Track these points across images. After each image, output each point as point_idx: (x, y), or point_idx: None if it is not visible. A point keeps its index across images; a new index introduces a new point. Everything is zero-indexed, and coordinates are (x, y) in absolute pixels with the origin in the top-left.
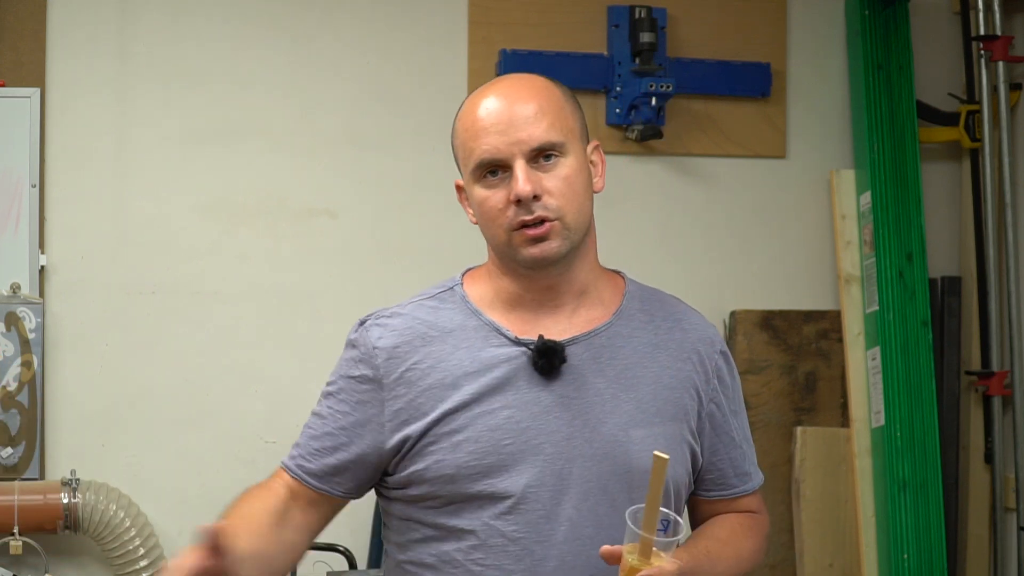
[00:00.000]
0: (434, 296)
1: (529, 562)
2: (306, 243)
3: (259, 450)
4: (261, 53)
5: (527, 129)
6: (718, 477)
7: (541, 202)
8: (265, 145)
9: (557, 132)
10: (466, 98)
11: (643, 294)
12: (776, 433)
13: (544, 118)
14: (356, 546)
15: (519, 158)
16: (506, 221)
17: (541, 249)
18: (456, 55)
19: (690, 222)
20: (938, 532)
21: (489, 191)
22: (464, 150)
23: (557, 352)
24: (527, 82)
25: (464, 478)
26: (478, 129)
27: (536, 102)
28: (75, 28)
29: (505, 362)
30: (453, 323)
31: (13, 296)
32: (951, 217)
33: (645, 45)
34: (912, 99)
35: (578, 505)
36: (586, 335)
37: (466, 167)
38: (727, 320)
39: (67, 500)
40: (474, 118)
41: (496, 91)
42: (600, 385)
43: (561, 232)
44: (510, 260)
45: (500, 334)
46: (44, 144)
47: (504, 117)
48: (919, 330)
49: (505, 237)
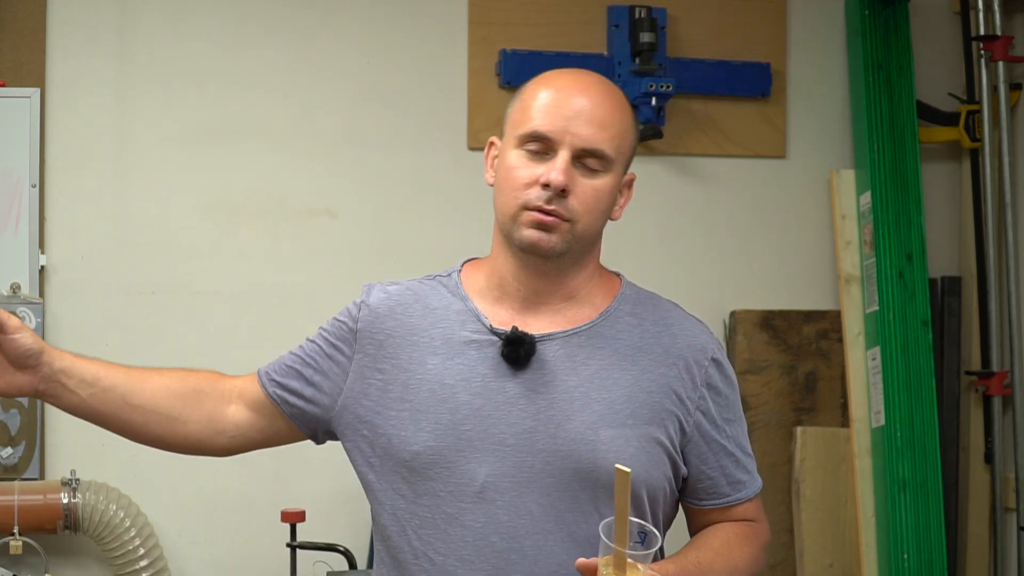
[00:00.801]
0: (434, 278)
1: (489, 553)
2: (306, 243)
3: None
4: (261, 53)
5: (589, 128)
6: (709, 486)
7: (566, 199)
8: (265, 145)
9: (612, 148)
10: (555, 69)
11: (638, 298)
12: (776, 433)
13: (609, 130)
14: (356, 546)
15: (567, 149)
16: (524, 196)
17: (540, 237)
18: (456, 55)
19: (690, 222)
20: (938, 532)
21: (523, 161)
22: (522, 113)
23: (524, 343)
24: (612, 95)
25: (425, 457)
26: (547, 103)
27: (611, 114)
28: (75, 28)
29: (476, 349)
30: (439, 303)
31: (13, 296)
32: (951, 217)
33: (645, 45)
34: (912, 99)
35: (539, 500)
36: (564, 332)
37: (514, 129)
38: (727, 320)
39: (67, 500)
40: (550, 91)
41: (583, 84)
42: (571, 383)
43: (566, 234)
44: (507, 235)
45: (478, 321)
46: (44, 144)
47: (576, 107)
48: (919, 330)
49: (514, 210)
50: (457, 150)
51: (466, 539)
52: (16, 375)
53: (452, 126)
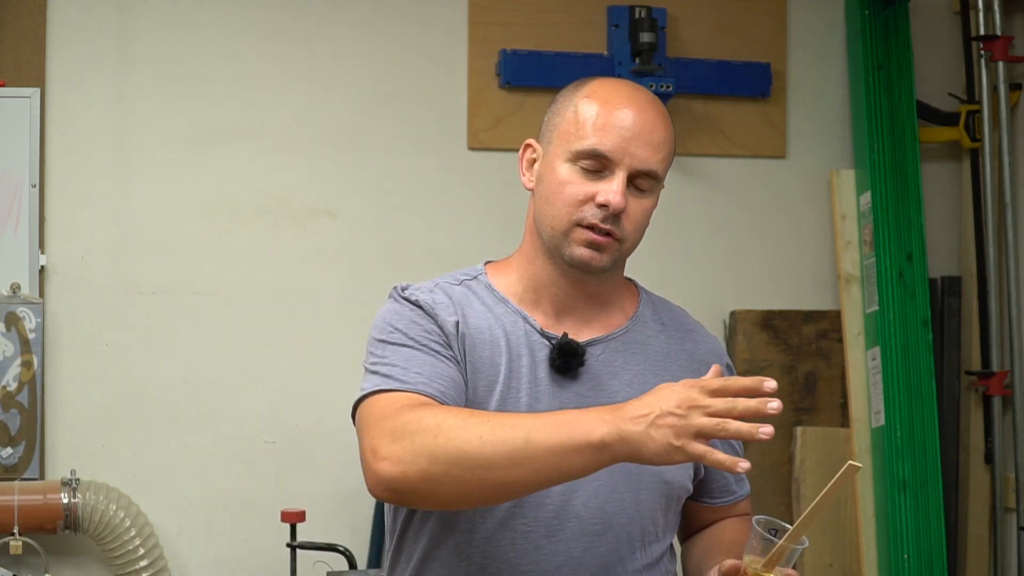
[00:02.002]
0: (460, 282)
1: (536, 556)
2: (306, 243)
3: (259, 450)
4: (262, 52)
5: (648, 151)
6: (724, 484)
7: (620, 220)
8: (265, 145)
9: (663, 169)
10: (598, 78)
11: (654, 302)
12: (776, 433)
13: (662, 150)
14: (356, 546)
15: (625, 170)
16: (578, 214)
17: (592, 256)
18: (456, 55)
19: (690, 222)
20: (938, 532)
21: (577, 177)
22: (578, 127)
23: (577, 353)
24: (663, 114)
25: None
26: (609, 120)
27: (665, 135)
28: (75, 28)
29: (530, 351)
30: (484, 304)
31: (13, 296)
32: (951, 217)
33: (645, 45)
34: (912, 99)
35: (587, 502)
36: (604, 338)
37: (566, 142)
38: (727, 320)
39: (67, 500)
40: (610, 107)
41: (638, 102)
42: (615, 387)
43: (616, 252)
44: (554, 248)
45: (527, 322)
46: (44, 144)
47: (637, 126)
48: (919, 330)
49: (566, 225)
50: (457, 150)
51: (513, 541)
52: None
53: (452, 126)
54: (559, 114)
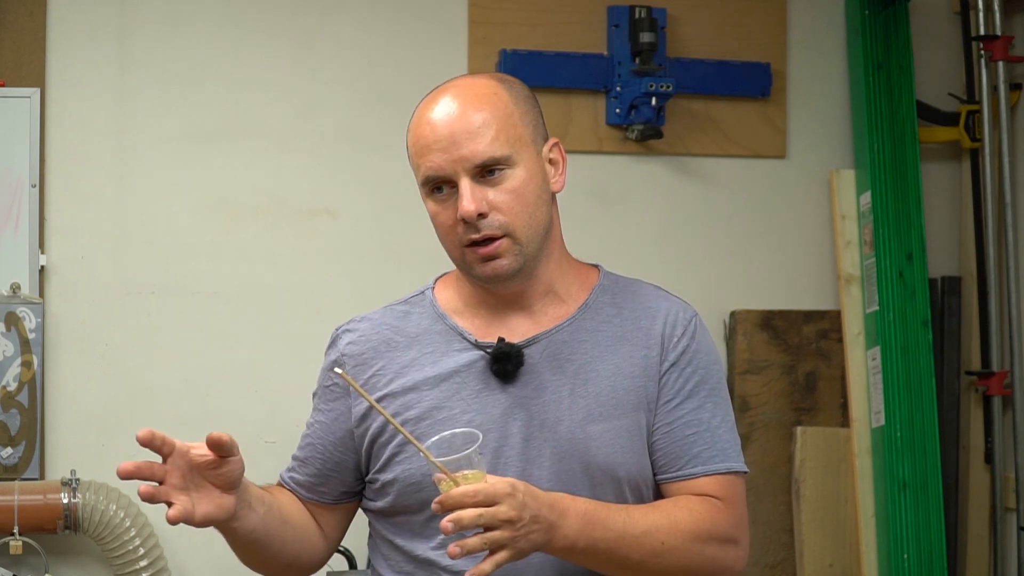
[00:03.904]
0: (406, 301)
1: None
2: (306, 243)
3: (259, 450)
4: (261, 52)
5: (469, 145)
6: (660, 458)
7: (488, 219)
8: (265, 145)
9: (502, 145)
10: (417, 104)
11: (617, 287)
12: (776, 433)
13: (488, 131)
14: (356, 546)
15: (463, 176)
16: (457, 238)
17: (493, 268)
18: (456, 55)
19: (690, 222)
20: (938, 532)
21: (439, 206)
22: (413, 164)
23: (512, 357)
24: (471, 90)
25: (430, 485)
26: (422, 145)
27: (480, 114)
28: (75, 28)
29: (466, 367)
30: (419, 328)
31: (13, 296)
32: (951, 217)
33: (645, 45)
34: (912, 99)
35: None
36: (546, 333)
37: (417, 180)
38: (727, 320)
39: (67, 500)
40: (420, 133)
41: (440, 103)
42: (558, 383)
43: (511, 248)
44: (466, 274)
45: (463, 338)
46: (44, 144)
47: (446, 133)
48: (919, 330)
49: (458, 253)
50: None
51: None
52: (224, 497)
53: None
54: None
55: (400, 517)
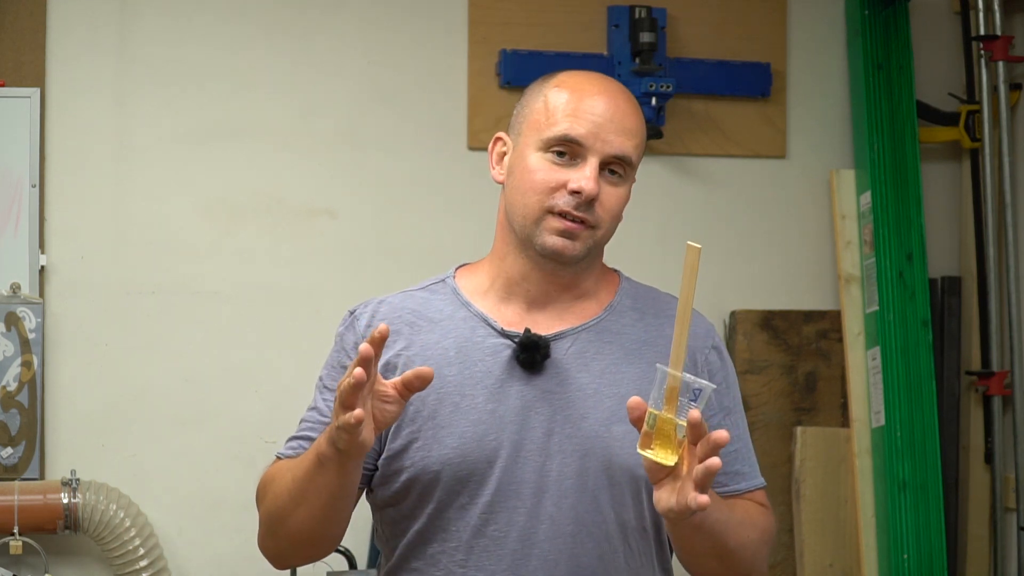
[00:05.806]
0: (425, 288)
1: (511, 560)
2: (306, 243)
3: (259, 450)
4: (261, 52)
5: (620, 137)
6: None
7: (593, 207)
8: (265, 145)
9: (636, 157)
10: (567, 70)
11: (637, 292)
12: (776, 433)
13: (635, 138)
14: (356, 546)
15: (597, 156)
16: (550, 201)
17: (565, 244)
18: (456, 55)
19: (690, 222)
20: (938, 532)
21: (548, 165)
22: (548, 115)
23: (540, 347)
24: (633, 101)
25: (448, 473)
26: (576, 106)
27: (637, 123)
28: (75, 28)
29: (490, 354)
30: (442, 314)
31: (13, 296)
32: (951, 217)
33: (645, 45)
34: (912, 99)
35: (558, 502)
36: (574, 330)
37: (537, 131)
38: (727, 320)
39: (67, 500)
40: (581, 95)
41: (608, 90)
42: (584, 380)
43: (589, 240)
44: (526, 238)
45: (488, 325)
46: (44, 144)
47: (608, 113)
48: (919, 330)
49: (538, 214)
50: (457, 150)
51: (488, 548)
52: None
53: (452, 126)
54: (528, 105)
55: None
